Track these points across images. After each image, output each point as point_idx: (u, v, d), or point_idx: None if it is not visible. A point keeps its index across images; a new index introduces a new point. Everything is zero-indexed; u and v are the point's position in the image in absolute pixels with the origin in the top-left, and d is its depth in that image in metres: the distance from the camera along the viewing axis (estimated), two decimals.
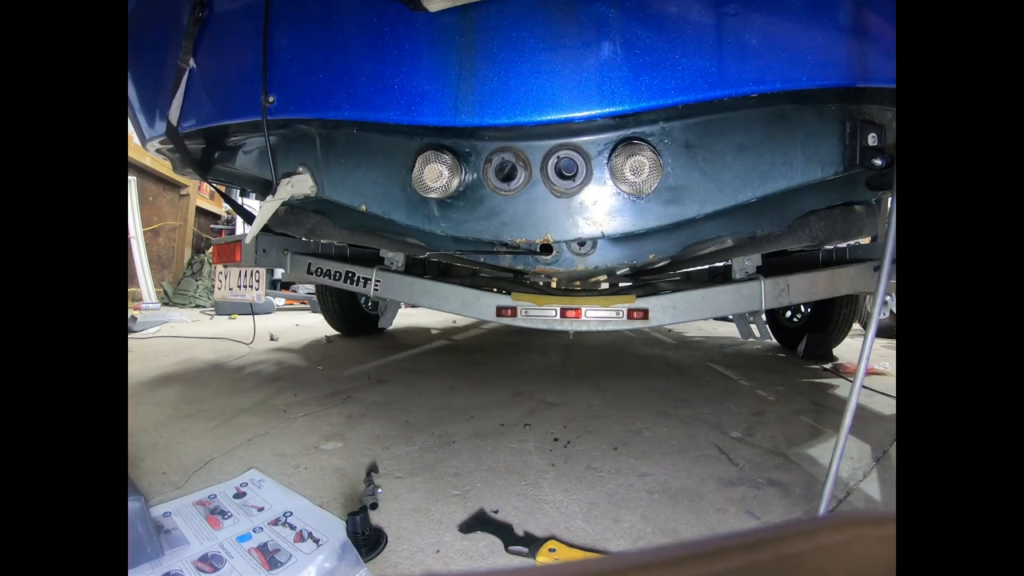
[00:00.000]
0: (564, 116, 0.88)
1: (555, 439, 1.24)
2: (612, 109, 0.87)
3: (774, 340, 2.85)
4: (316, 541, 0.78)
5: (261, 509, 0.87)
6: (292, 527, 0.81)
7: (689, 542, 0.18)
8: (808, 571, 0.18)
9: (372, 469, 1.04)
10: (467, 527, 0.82)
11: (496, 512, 0.87)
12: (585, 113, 0.87)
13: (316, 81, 0.96)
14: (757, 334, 1.81)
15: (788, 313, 2.78)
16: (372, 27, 0.92)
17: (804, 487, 0.98)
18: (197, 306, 5.79)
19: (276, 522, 0.83)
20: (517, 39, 0.86)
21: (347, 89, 0.94)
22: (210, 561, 0.73)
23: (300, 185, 1.11)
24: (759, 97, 0.89)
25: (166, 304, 5.69)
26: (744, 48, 0.84)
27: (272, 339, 2.98)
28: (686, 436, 1.27)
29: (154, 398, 1.61)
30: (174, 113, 1.14)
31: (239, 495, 0.92)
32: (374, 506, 0.88)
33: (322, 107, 0.97)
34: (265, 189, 1.30)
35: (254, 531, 0.80)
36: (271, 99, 0.98)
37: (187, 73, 1.11)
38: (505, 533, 0.80)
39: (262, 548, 0.76)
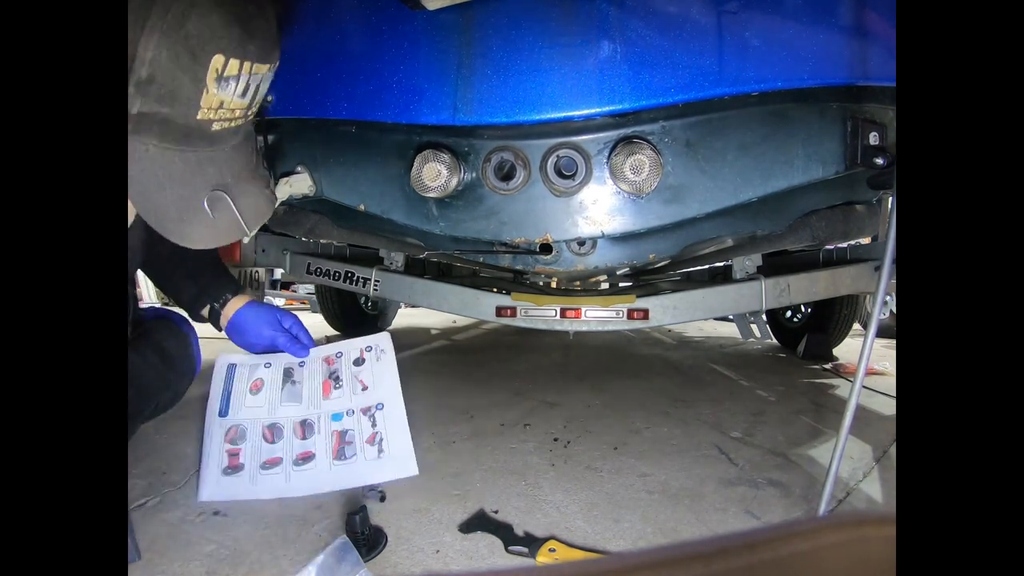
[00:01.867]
0: (563, 115, 0.87)
1: (555, 439, 1.24)
2: (612, 108, 0.86)
3: (774, 340, 2.85)
4: (380, 452, 0.87)
5: (365, 388, 0.94)
6: (373, 424, 0.89)
7: (689, 542, 0.18)
8: (808, 571, 0.18)
9: None
10: (467, 527, 0.82)
11: (496, 512, 0.87)
12: (584, 112, 0.87)
13: (314, 80, 0.96)
14: (757, 334, 1.81)
15: (788, 313, 2.78)
16: (370, 26, 0.92)
17: (804, 487, 0.98)
18: None
19: (366, 411, 0.90)
20: (516, 37, 0.86)
21: (345, 88, 0.94)
22: (305, 427, 0.87)
23: (298, 185, 1.10)
24: (760, 96, 0.89)
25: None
26: (745, 46, 0.84)
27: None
28: (686, 436, 1.27)
29: None
30: None
31: (359, 361, 0.97)
32: (383, 498, 0.89)
33: (320, 106, 0.97)
34: None
35: (347, 413, 0.90)
36: (269, 98, 0.98)
37: None
38: (505, 533, 0.80)
39: (342, 434, 0.87)
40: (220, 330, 1.02)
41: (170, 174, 0.63)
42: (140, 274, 1.01)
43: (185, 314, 1.06)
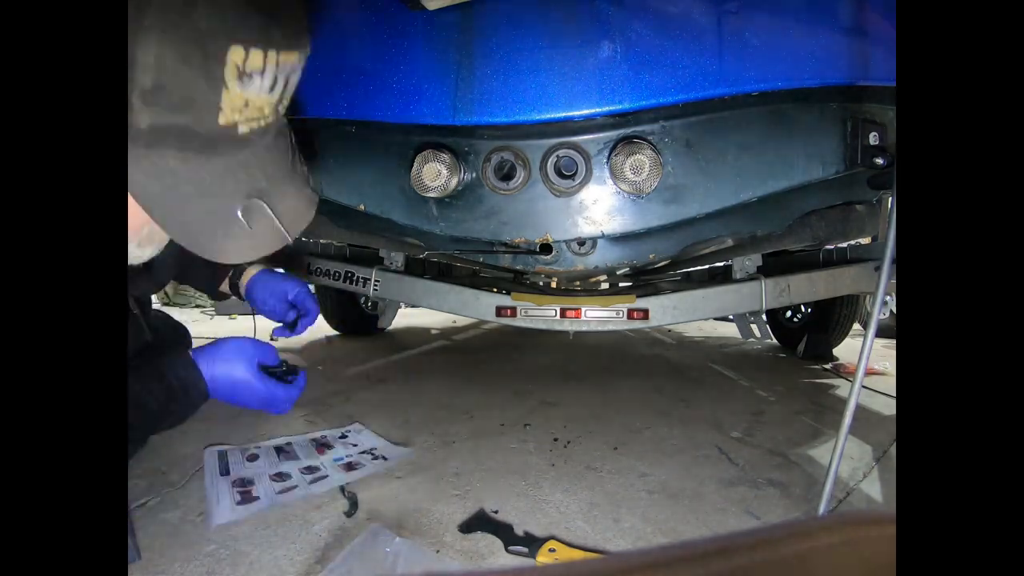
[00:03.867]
0: (563, 115, 0.88)
1: (555, 439, 1.24)
2: (612, 107, 0.86)
3: (774, 340, 2.85)
4: (385, 459, 1.06)
5: (355, 445, 1.14)
6: (373, 455, 1.08)
7: (689, 542, 0.18)
8: (808, 571, 0.18)
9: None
10: (467, 527, 0.82)
11: (496, 512, 0.87)
12: (584, 112, 0.87)
13: (314, 80, 0.96)
14: (757, 334, 1.81)
15: (788, 313, 2.77)
16: (371, 26, 0.92)
17: (804, 487, 0.98)
18: (198, 306, 5.78)
19: (364, 452, 1.10)
20: (516, 37, 0.86)
21: (345, 88, 0.94)
22: (312, 470, 1.00)
23: None
24: (760, 95, 0.89)
25: (167, 304, 5.69)
26: (745, 46, 0.84)
27: (272, 339, 2.97)
28: (686, 436, 1.27)
29: None
30: None
31: (343, 436, 1.19)
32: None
33: (320, 106, 0.97)
34: None
35: (347, 456, 1.07)
36: None
37: None
38: (505, 533, 0.80)
39: (348, 465, 1.03)
40: (241, 298, 1.17)
41: (197, 187, 0.56)
42: None
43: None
